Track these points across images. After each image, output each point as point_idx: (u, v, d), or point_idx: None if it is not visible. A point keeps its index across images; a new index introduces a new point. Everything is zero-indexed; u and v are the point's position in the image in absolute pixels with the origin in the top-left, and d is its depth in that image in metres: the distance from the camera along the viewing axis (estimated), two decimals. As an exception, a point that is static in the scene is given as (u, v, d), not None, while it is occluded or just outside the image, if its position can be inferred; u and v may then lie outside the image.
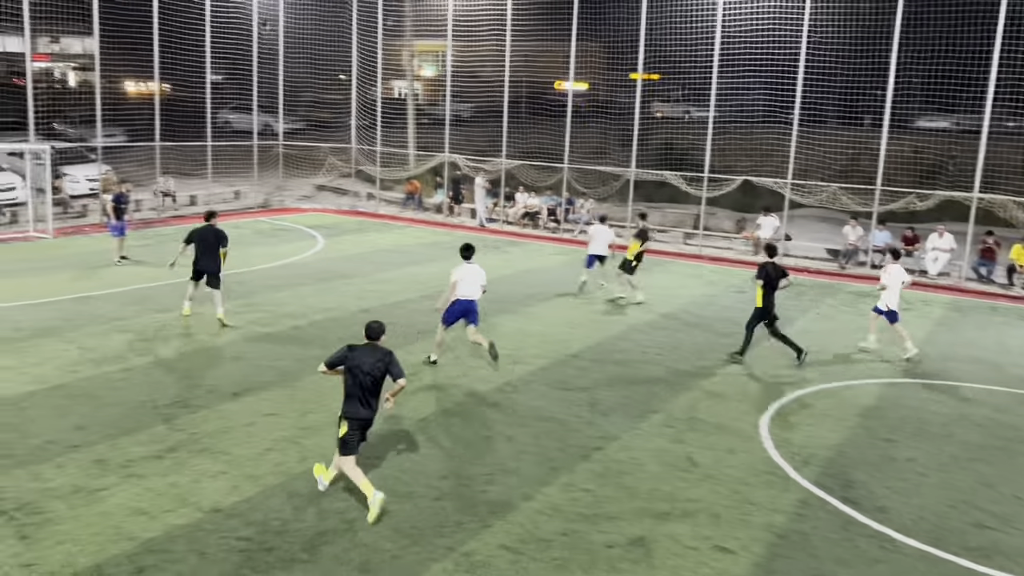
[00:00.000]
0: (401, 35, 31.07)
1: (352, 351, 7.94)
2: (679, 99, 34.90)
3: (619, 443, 9.65)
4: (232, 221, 25.29)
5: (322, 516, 7.64)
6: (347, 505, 7.85)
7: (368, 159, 30.21)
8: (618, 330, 14.73)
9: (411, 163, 30.41)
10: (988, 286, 20.66)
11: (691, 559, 7.15)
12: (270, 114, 30.10)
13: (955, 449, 9.90)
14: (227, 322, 13.71)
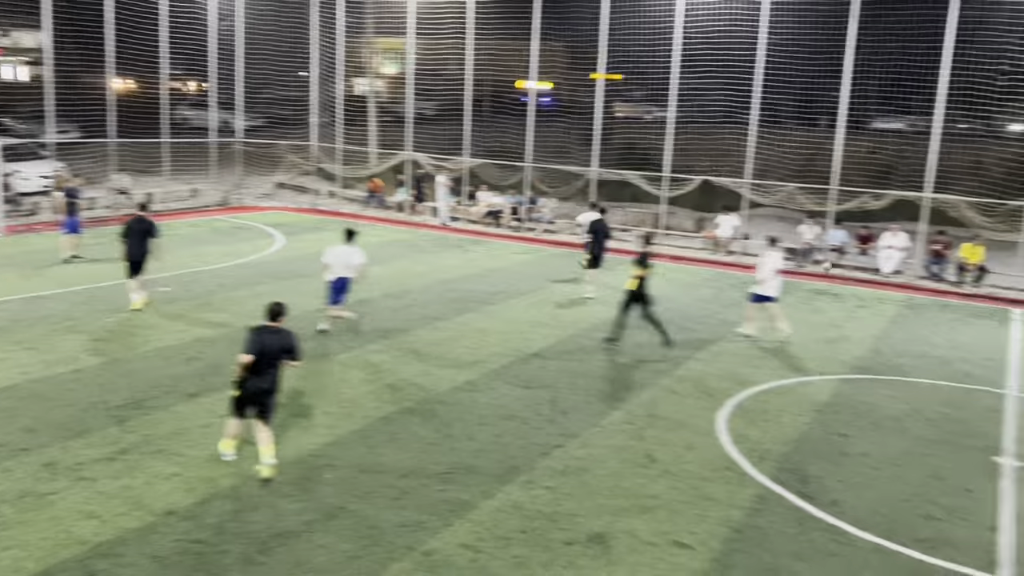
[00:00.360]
0: (362, 32, 30.85)
1: (259, 335, 8.42)
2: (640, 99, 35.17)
3: (579, 440, 9.69)
4: (190, 219, 24.92)
5: (278, 517, 7.55)
6: (304, 506, 7.77)
7: (329, 157, 29.95)
8: (580, 328, 14.79)
9: (373, 161, 30.22)
10: (940, 284, 21.13)
11: (649, 554, 7.21)
12: (229, 111, 29.67)
13: (907, 443, 10.10)
14: (139, 308, 14.16)
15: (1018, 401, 11.99)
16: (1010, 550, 7.60)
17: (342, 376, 11.52)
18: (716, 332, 15.02)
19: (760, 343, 14.32)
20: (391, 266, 19.58)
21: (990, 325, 16.95)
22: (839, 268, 22.50)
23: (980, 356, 14.38)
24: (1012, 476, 9.31)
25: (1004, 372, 13.48)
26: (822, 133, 25.10)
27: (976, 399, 11.98)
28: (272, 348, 8.32)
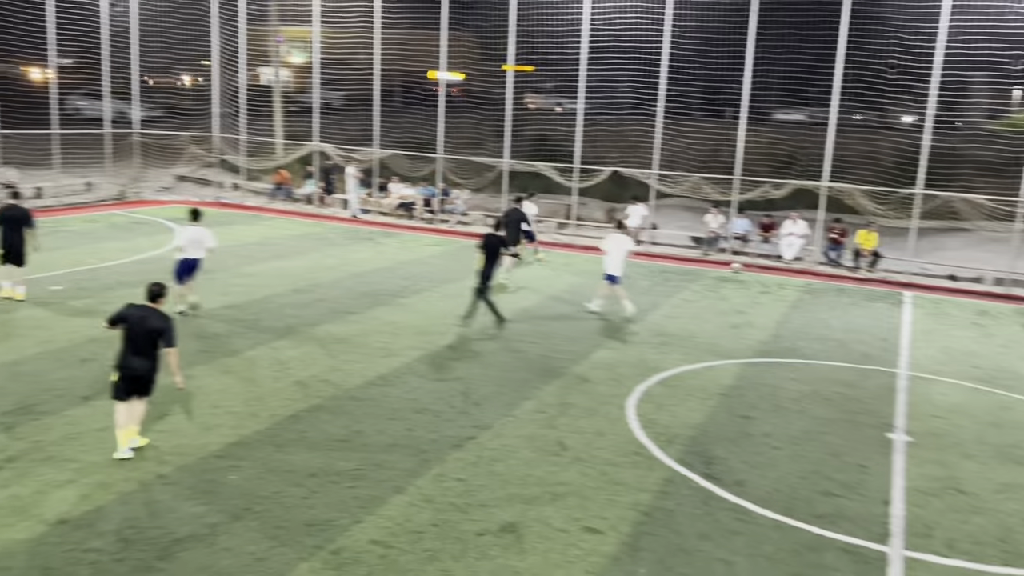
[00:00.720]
0: (266, 20, 30.02)
1: (129, 308, 8.49)
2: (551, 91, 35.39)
3: (492, 431, 9.69)
4: (86, 215, 23.79)
5: (181, 522, 7.28)
6: (208, 509, 7.52)
7: (233, 148, 29.06)
8: (493, 319, 14.78)
9: (279, 152, 29.49)
10: (837, 269, 22.03)
11: (560, 541, 7.26)
12: (124, 101, 28.41)
13: (806, 423, 10.49)
14: (18, 298, 13.89)
15: (909, 379, 12.60)
16: (901, 522, 7.98)
17: (248, 374, 11.20)
18: (627, 320, 15.26)
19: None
20: (299, 260, 19.17)
21: (884, 308, 17.77)
22: (743, 256, 23.20)
23: (875, 337, 15.06)
24: (903, 451, 9.78)
25: (897, 352, 14.16)
26: (726, 124, 25.80)
27: (871, 378, 12.53)
28: (140, 325, 8.32)
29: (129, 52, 27.27)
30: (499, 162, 25.63)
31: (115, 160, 27.44)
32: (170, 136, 29.02)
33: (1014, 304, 19.09)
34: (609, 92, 27.89)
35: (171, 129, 29.25)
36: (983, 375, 13.05)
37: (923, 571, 7.11)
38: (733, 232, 23.39)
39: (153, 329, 8.35)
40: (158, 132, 28.89)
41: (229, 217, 25.33)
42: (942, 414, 11.12)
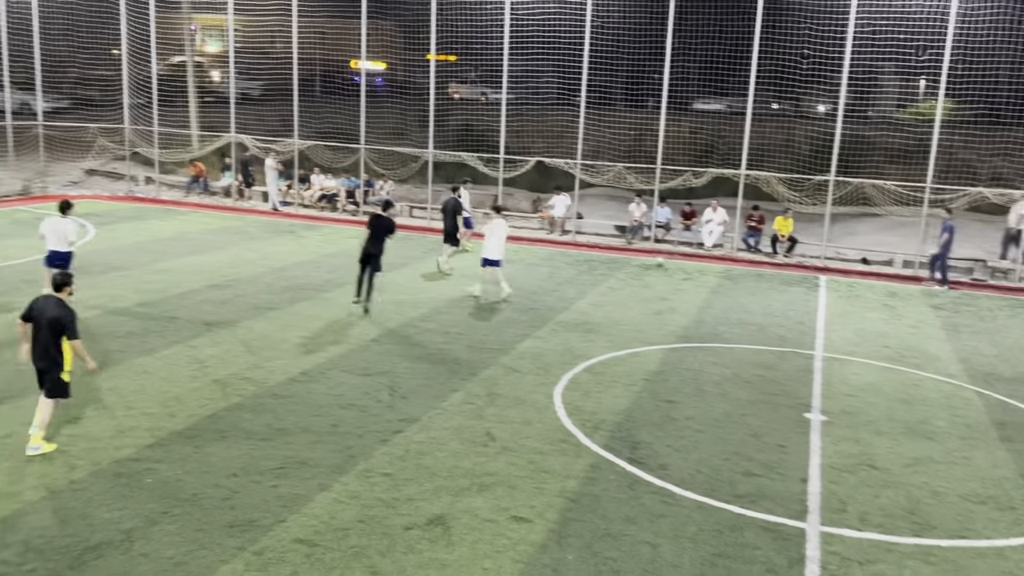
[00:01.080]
0: (178, 7, 29.02)
1: (36, 302, 8.34)
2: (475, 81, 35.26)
3: (419, 424, 9.61)
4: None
5: (94, 529, 7.00)
6: (123, 515, 7.24)
7: (145, 140, 28.03)
8: (419, 312, 14.68)
9: (194, 144, 28.60)
10: (755, 255, 22.63)
11: (489, 532, 7.26)
12: (27, 91, 27.09)
13: (728, 406, 10.74)
14: None
15: (824, 360, 13.03)
16: (817, 498, 8.25)
17: (164, 374, 10.83)
18: (553, 309, 15.35)
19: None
20: (217, 255, 18.66)
21: (800, 292, 18.33)
22: (666, 243, 23.60)
23: (792, 321, 15.52)
24: (819, 430, 10.11)
25: (813, 334, 14.62)
26: (648, 114, 26.16)
27: (788, 361, 12.91)
28: (42, 316, 8.15)
29: (32, 41, 26.00)
30: (423, 152, 25.42)
31: (18, 154, 26.16)
32: (77, 128, 27.82)
33: (922, 286, 19.92)
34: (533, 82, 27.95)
35: (78, 121, 28.04)
36: (893, 354, 13.59)
37: (838, 545, 7.36)
38: (656, 221, 23.76)
39: (54, 319, 8.13)
40: (64, 124, 27.68)
41: (143, 212, 24.48)
42: (855, 393, 11.53)
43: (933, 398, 11.50)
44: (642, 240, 23.85)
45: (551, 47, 24.05)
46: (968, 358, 13.62)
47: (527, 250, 21.98)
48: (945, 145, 22.62)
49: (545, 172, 27.63)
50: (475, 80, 33.90)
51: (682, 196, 25.54)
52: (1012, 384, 12.33)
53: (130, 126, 28.05)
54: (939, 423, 10.55)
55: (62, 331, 8.18)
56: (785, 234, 22.52)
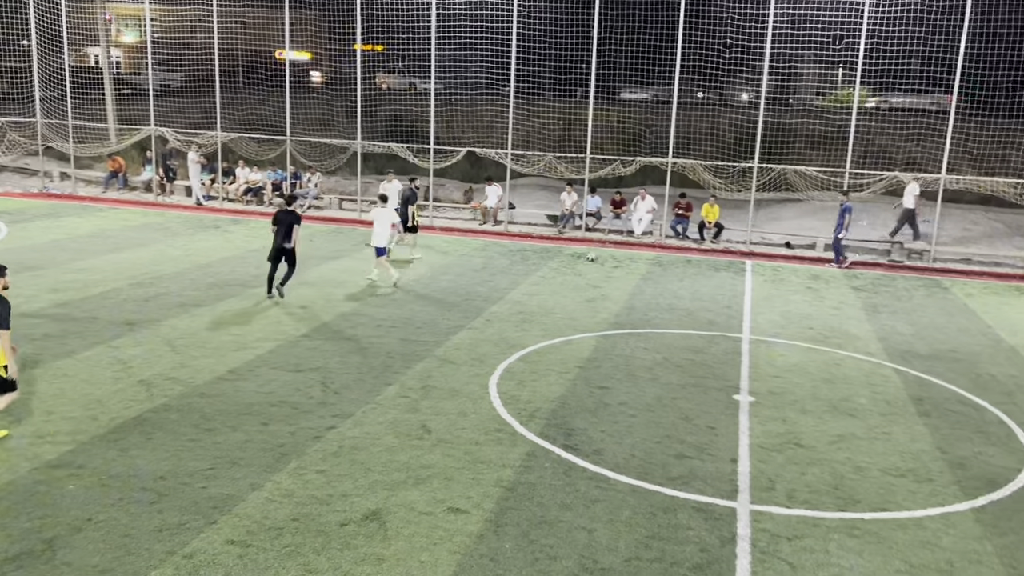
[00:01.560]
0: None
1: None
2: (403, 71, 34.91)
3: (353, 420, 9.51)
4: None
5: (12, 539, 6.72)
6: (43, 523, 6.97)
7: (59, 135, 26.94)
8: (350, 307, 14.51)
9: (112, 138, 27.61)
10: (683, 242, 23.05)
11: (425, 524, 7.23)
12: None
13: (659, 390, 10.92)
14: None
15: (751, 343, 13.37)
16: (747, 478, 8.47)
17: (85, 376, 10.46)
18: (487, 299, 15.36)
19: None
20: (139, 252, 18.09)
21: (727, 276, 18.75)
22: (597, 232, 23.84)
23: (720, 305, 15.87)
24: (748, 411, 10.37)
25: (740, 318, 14.98)
26: (577, 104, 26.35)
27: (717, 344, 13.20)
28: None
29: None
30: (352, 143, 25.07)
31: (-79, 149, 24.87)
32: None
33: (843, 268, 20.60)
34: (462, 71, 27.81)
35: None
36: (816, 335, 14.02)
37: (768, 522, 7.57)
38: (587, 210, 23.97)
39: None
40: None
41: (58, 209, 23.54)
42: (781, 374, 11.86)
43: (854, 376, 11.92)
44: (574, 229, 24.04)
45: (479, 36, 23.98)
46: (887, 337, 14.15)
47: (460, 241, 21.92)
48: (863, 131, 23.40)
49: (476, 162, 27.60)
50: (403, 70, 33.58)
51: (612, 185, 25.83)
52: (928, 361, 12.86)
53: (42, 120, 26.91)
54: (861, 400, 10.94)
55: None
56: (712, 220, 22.99)
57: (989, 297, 17.95)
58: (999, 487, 8.54)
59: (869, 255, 22.26)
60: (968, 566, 6.98)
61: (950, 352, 13.41)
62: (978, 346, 13.87)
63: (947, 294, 18.06)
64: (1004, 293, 18.53)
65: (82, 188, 26.99)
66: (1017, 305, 17.27)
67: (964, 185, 21.98)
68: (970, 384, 11.84)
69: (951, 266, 21.38)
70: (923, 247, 22.08)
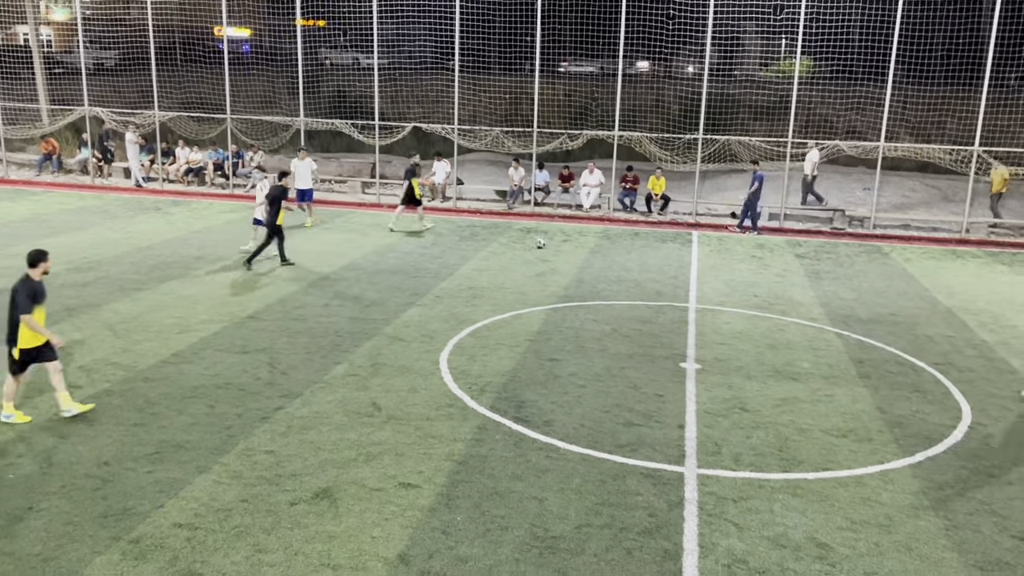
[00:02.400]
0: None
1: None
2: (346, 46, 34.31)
3: (301, 399, 9.42)
4: None
5: (-52, 532, 6.53)
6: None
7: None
8: (297, 287, 14.32)
9: (44, 119, 26.69)
10: (631, 214, 23.21)
11: (376, 500, 7.22)
12: None
13: (608, 360, 11.03)
14: None
15: (698, 312, 13.56)
16: (693, 443, 8.62)
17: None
18: (437, 276, 15.30)
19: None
20: (77, 236, 17.58)
21: (674, 247, 18.96)
22: (545, 207, 23.86)
23: (667, 276, 16.05)
24: (694, 378, 10.54)
25: (687, 288, 15.18)
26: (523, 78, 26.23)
27: (664, 314, 13.37)
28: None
29: None
30: (294, 121, 24.63)
31: None
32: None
33: (787, 236, 21.00)
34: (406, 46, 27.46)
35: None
36: (761, 303, 14.29)
37: (714, 485, 7.72)
38: (535, 184, 23.95)
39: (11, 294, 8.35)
40: None
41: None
42: (727, 341, 12.08)
43: (798, 341, 12.19)
44: (523, 204, 24.02)
45: (423, 10, 23.68)
46: (829, 302, 14.49)
47: (409, 218, 21.75)
48: (804, 101, 23.75)
49: (423, 138, 27.34)
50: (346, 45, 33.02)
51: (560, 159, 25.85)
52: (868, 325, 13.21)
53: (-32, 101, 25.88)
54: (804, 365, 11.20)
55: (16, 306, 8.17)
56: (659, 193, 23.18)
57: (927, 261, 18.48)
58: (935, 443, 8.84)
59: (812, 223, 22.69)
60: (906, 520, 7.23)
61: (890, 316, 13.79)
62: (916, 309, 14.29)
63: (887, 259, 18.54)
64: (941, 257, 19.09)
65: (14, 172, 26.07)
66: (953, 268, 17.82)
67: (902, 152, 22.50)
68: (908, 346, 12.20)
69: (891, 232, 21.94)
70: (865, 214, 22.59)
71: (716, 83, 23.44)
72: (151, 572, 6.09)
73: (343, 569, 6.19)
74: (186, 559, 6.27)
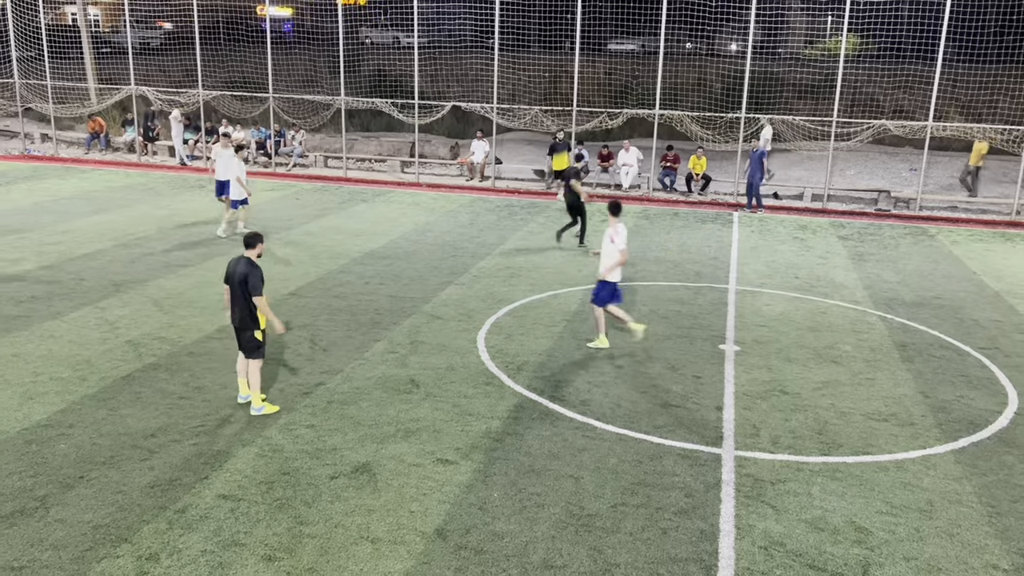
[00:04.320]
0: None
1: (229, 263, 8.56)
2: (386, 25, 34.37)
3: (342, 375, 9.56)
4: None
5: (5, 498, 6.78)
6: (35, 482, 7.03)
7: (38, 95, 26.51)
8: (339, 264, 14.49)
9: (92, 98, 27.20)
10: (671, 194, 23.00)
11: (415, 475, 7.32)
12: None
13: (646, 341, 10.99)
14: None
15: (738, 293, 13.44)
16: (731, 425, 8.58)
17: (74, 337, 10.45)
18: (475, 255, 15.36)
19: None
20: (124, 213, 17.95)
21: (714, 228, 18.76)
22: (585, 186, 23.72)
23: (707, 256, 15.91)
24: (733, 360, 10.47)
25: (727, 269, 15.04)
26: (564, 57, 26.04)
27: (703, 295, 13.27)
28: (235, 277, 8.34)
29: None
30: (335, 100, 24.78)
31: None
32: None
33: (830, 217, 20.65)
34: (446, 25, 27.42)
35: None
36: (802, 284, 14.11)
37: (752, 467, 7.69)
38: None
39: (243, 277, 8.33)
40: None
41: (40, 171, 23.27)
42: (767, 323, 11.96)
43: (840, 324, 12.02)
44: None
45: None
46: (872, 285, 14.25)
47: (447, 197, 21.82)
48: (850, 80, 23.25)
49: (462, 117, 27.35)
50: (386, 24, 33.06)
51: (599, 138, 25.67)
52: (912, 308, 12.98)
53: (21, 81, 26.45)
54: (845, 347, 11.05)
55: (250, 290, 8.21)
56: (699, 172, 22.92)
57: (975, 244, 18.05)
58: (979, 429, 8.69)
59: (856, 204, 22.28)
60: (948, 505, 7.13)
61: (935, 299, 13.53)
62: (963, 292, 13.99)
63: (933, 241, 18.16)
64: (990, 239, 18.64)
65: (64, 150, 26.66)
66: (1002, 251, 17.39)
67: (951, 132, 21.94)
68: (954, 330, 11.97)
69: (937, 214, 21.45)
70: (911, 196, 22.10)
71: (760, 61, 23.02)
72: (196, 541, 6.26)
73: (382, 542, 6.30)
74: (230, 529, 6.44)
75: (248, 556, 6.09)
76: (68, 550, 6.11)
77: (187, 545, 6.20)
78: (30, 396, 8.72)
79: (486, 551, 6.22)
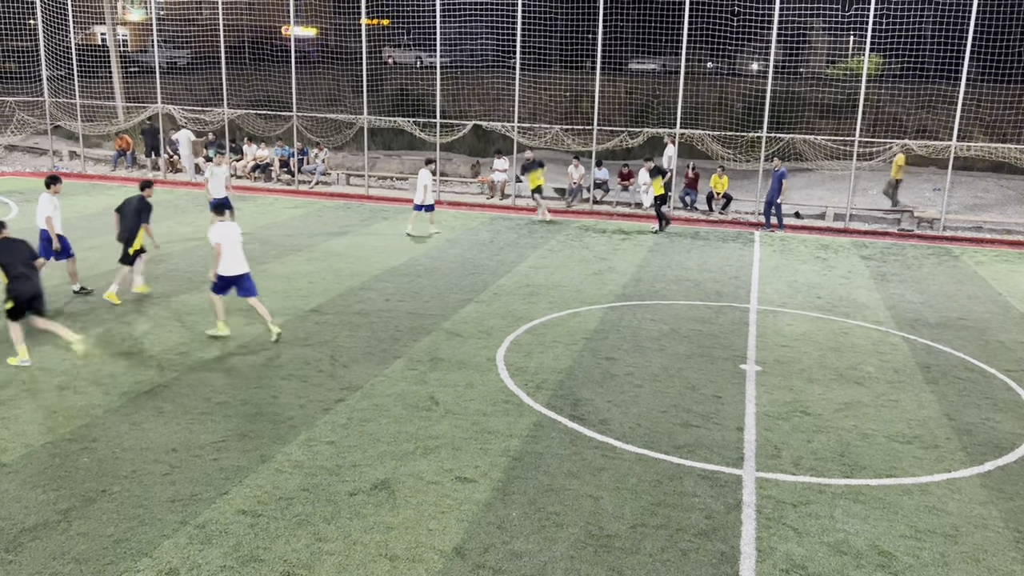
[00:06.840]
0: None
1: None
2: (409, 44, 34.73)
3: (361, 392, 9.59)
4: (-102, 191, 21.60)
5: (28, 511, 6.85)
6: (58, 495, 7.10)
7: (67, 113, 27.00)
8: (359, 281, 14.57)
9: (120, 116, 27.65)
10: (692, 213, 22.95)
11: (433, 493, 7.32)
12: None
13: (666, 360, 10.95)
14: None
15: (759, 313, 13.36)
16: (752, 445, 8.51)
17: (97, 351, 10.57)
18: (495, 273, 15.39)
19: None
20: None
21: (735, 247, 18.69)
22: (604, 204, 23.74)
23: (727, 276, 15.84)
24: (754, 380, 10.40)
25: (748, 288, 14.96)
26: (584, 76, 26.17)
27: (724, 315, 13.20)
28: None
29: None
30: (358, 118, 25.02)
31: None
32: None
33: (852, 237, 20.51)
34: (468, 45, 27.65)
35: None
36: (825, 304, 14.00)
37: (773, 489, 7.62)
38: (594, 179, 23.86)
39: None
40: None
41: (68, 188, 23.60)
42: (789, 343, 11.87)
43: (862, 345, 11.91)
44: (581, 202, 23.97)
45: (484, 8, 23.81)
46: (896, 305, 14.11)
47: (467, 215, 21.92)
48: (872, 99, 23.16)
49: (483, 136, 27.53)
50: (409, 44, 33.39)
51: (620, 157, 25.71)
52: (937, 329, 12.83)
53: (50, 99, 26.95)
54: (868, 368, 10.94)
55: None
56: (720, 191, 22.87)
57: (1000, 264, 17.85)
58: (1006, 452, 8.56)
59: (878, 224, 22.13)
60: (974, 530, 7.02)
61: (959, 320, 13.38)
62: (988, 313, 13.83)
63: (957, 262, 17.97)
64: (1015, 260, 18.42)
65: (91, 167, 27.08)
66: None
67: (975, 152, 21.76)
68: (979, 351, 11.82)
69: (961, 234, 21.24)
70: (935, 216, 21.91)
71: (781, 81, 23.00)
72: (216, 556, 6.28)
73: (400, 560, 6.30)
74: (249, 545, 6.46)
75: (267, 572, 6.10)
76: (90, 564, 6.15)
77: (207, 560, 6.23)
78: (54, 410, 8.82)
79: (504, 570, 6.20)
